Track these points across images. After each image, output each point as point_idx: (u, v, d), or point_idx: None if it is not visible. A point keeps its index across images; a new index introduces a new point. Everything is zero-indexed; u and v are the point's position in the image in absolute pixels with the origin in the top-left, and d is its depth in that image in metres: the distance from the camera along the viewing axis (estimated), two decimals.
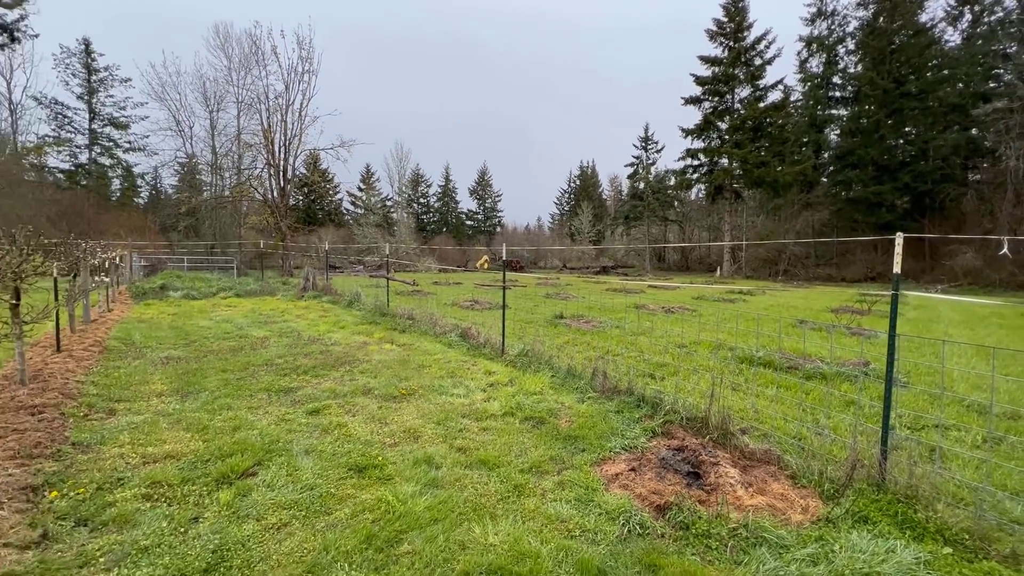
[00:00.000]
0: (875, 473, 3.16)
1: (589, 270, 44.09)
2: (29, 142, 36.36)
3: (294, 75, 30.42)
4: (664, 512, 3.12)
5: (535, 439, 4.32)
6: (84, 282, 8.54)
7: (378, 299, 12.69)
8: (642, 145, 56.19)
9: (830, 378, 6.30)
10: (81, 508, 3.00)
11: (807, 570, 2.48)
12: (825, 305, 16.21)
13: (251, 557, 2.63)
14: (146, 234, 34.01)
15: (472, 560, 2.61)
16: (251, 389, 5.62)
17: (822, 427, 4.42)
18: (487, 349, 7.91)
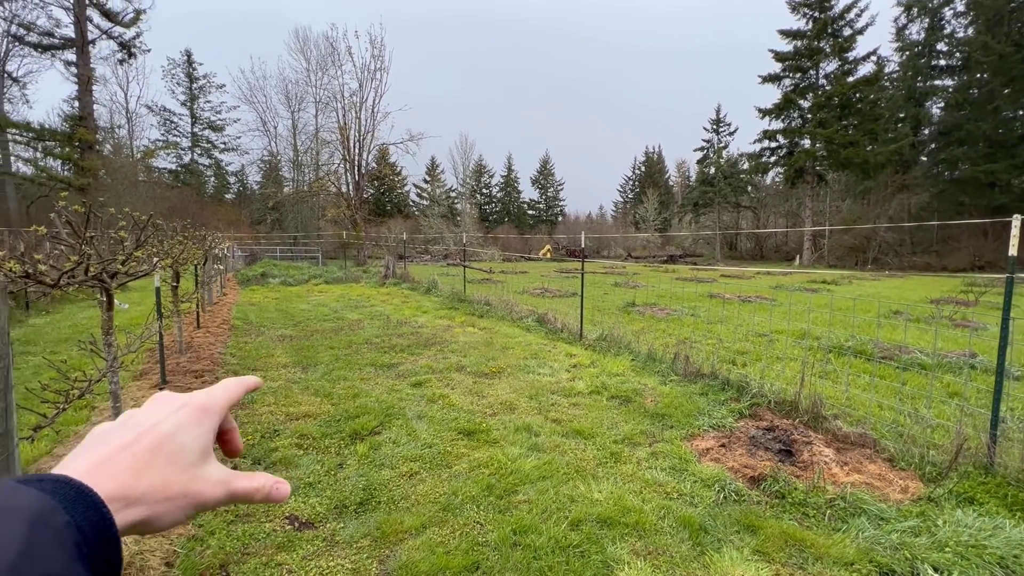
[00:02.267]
0: (982, 457, 3.15)
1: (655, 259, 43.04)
2: (142, 147, 40.96)
3: (367, 73, 31.96)
4: (758, 483, 3.30)
5: (623, 415, 4.59)
6: (210, 269, 9.77)
7: (454, 286, 13.34)
8: (713, 128, 53.67)
9: (930, 368, 6.03)
10: (254, 451, 3.67)
11: (909, 540, 2.59)
12: (923, 295, 15.00)
13: (394, 495, 3.13)
14: (240, 227, 37.32)
15: (582, 510, 2.95)
16: (358, 363, 6.30)
17: (921, 414, 4.33)
18: (564, 334, 8.22)
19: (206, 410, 0.41)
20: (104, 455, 0.36)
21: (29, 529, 0.28)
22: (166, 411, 0.40)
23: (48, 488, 0.31)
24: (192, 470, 0.38)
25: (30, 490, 0.30)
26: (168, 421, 0.39)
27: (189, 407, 0.41)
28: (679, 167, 74.40)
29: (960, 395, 5.06)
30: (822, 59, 39.15)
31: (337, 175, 35.75)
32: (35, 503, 0.30)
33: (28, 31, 30.02)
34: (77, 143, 29.68)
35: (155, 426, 0.38)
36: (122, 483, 0.35)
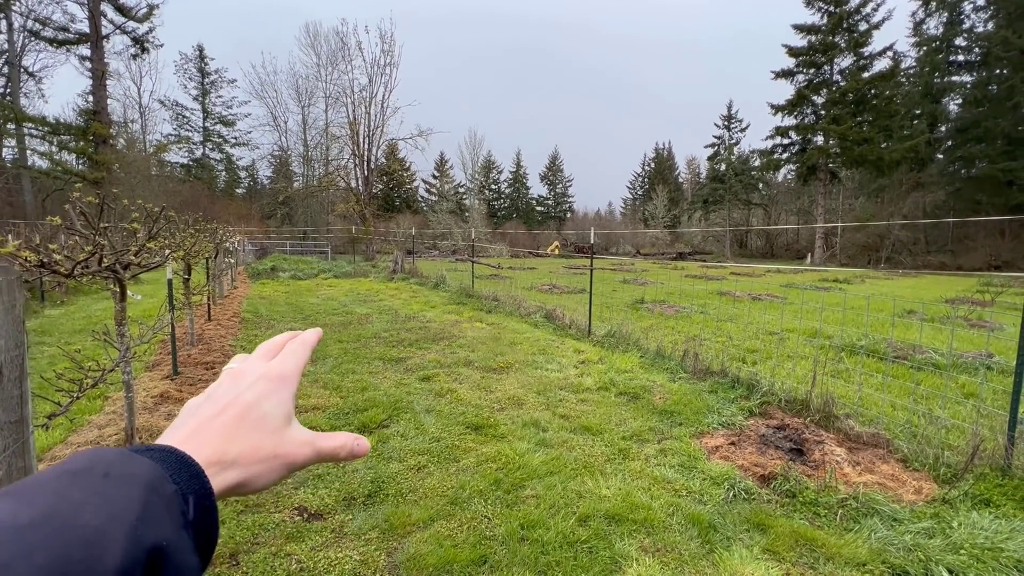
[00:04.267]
0: (999, 459, 3.09)
1: (664, 256, 42.79)
2: (155, 141, 41.38)
3: (376, 68, 32.03)
4: (768, 481, 3.27)
5: (632, 411, 4.56)
6: (221, 262, 9.86)
7: (462, 282, 13.36)
8: (724, 124, 53.17)
9: (945, 369, 5.94)
10: None
11: (922, 541, 2.55)
12: (938, 295, 14.78)
13: (402, 488, 3.14)
14: (251, 221, 37.63)
15: (590, 506, 2.94)
16: (367, 357, 6.32)
17: (936, 414, 4.27)
18: (572, 330, 8.20)
19: (283, 378, 0.43)
20: (196, 426, 0.39)
21: (145, 495, 0.30)
22: (245, 383, 0.42)
23: (156, 457, 0.33)
24: (279, 433, 0.40)
25: (143, 459, 0.32)
26: (250, 391, 0.41)
27: (267, 377, 0.43)
28: (689, 164, 73.79)
29: (976, 396, 4.98)
30: (837, 54, 38.56)
31: (346, 170, 35.91)
32: (149, 471, 0.31)
33: (44, 26, 30.38)
34: (91, 137, 30.03)
35: (238, 396, 0.41)
36: (215, 449, 0.37)
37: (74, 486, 0.28)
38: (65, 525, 0.26)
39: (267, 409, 0.41)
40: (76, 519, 0.27)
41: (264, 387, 0.42)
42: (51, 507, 0.27)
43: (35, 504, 0.27)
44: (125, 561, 0.27)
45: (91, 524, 0.27)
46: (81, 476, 0.29)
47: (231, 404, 0.40)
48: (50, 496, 0.27)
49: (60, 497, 0.27)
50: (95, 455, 0.31)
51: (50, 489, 0.28)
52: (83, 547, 0.26)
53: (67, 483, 0.29)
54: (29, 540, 0.25)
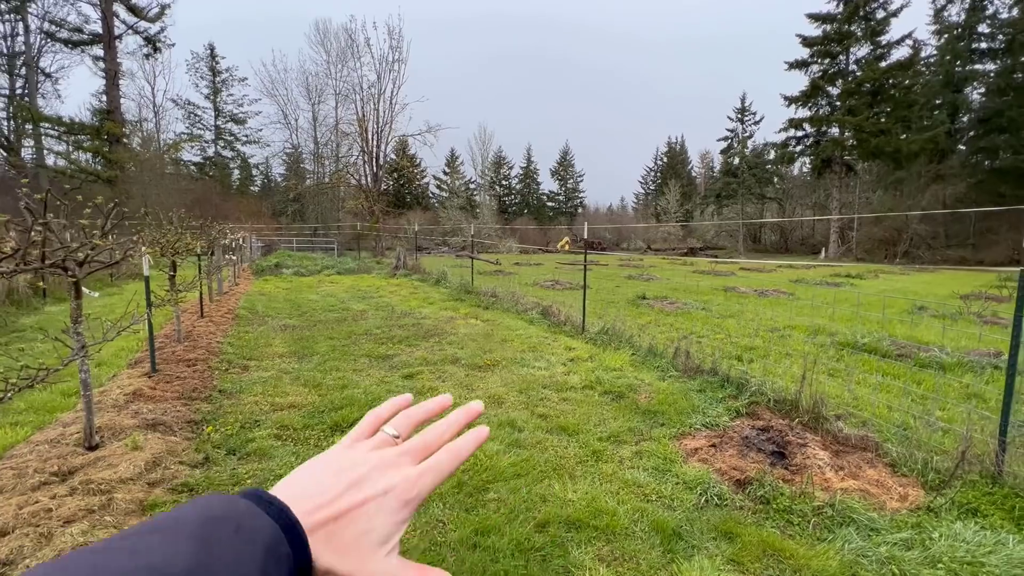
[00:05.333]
0: (990, 465, 2.91)
1: (675, 252, 42.28)
2: (168, 140, 41.98)
3: (385, 64, 32.06)
4: (744, 486, 3.13)
5: (614, 411, 4.43)
6: (218, 259, 9.90)
7: (463, 278, 13.28)
8: (738, 117, 52.28)
9: (949, 368, 5.70)
10: (230, 441, 3.65)
11: (899, 553, 2.40)
12: (952, 290, 14.31)
13: None
14: (261, 218, 38.00)
15: (552, 511, 2.83)
16: (354, 354, 6.27)
17: (932, 416, 4.07)
18: (567, 327, 8.07)
19: (408, 504, 0.40)
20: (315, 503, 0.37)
21: (265, 558, 0.31)
22: (376, 486, 0.39)
23: (275, 515, 0.34)
24: (366, 555, 0.37)
25: (267, 518, 0.33)
26: (372, 500, 0.38)
27: (395, 494, 0.39)
28: (703, 158, 72.77)
29: (979, 397, 4.75)
30: (853, 43, 37.60)
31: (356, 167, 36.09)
32: (270, 532, 0.32)
33: (59, 27, 30.95)
34: (105, 136, 30.56)
35: (359, 492, 0.38)
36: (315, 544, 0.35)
37: (214, 538, 0.30)
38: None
39: (375, 526, 0.38)
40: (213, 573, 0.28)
41: (388, 503, 0.38)
42: (196, 561, 0.28)
43: (184, 554, 0.28)
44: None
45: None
46: (219, 527, 0.31)
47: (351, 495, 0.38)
48: (196, 544, 0.29)
49: (204, 549, 0.29)
50: (230, 505, 0.33)
51: (197, 535, 0.30)
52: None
53: (209, 533, 0.30)
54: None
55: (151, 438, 3.28)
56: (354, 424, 1.73)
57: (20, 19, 29.94)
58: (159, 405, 3.91)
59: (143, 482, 2.79)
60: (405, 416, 0.46)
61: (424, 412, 0.47)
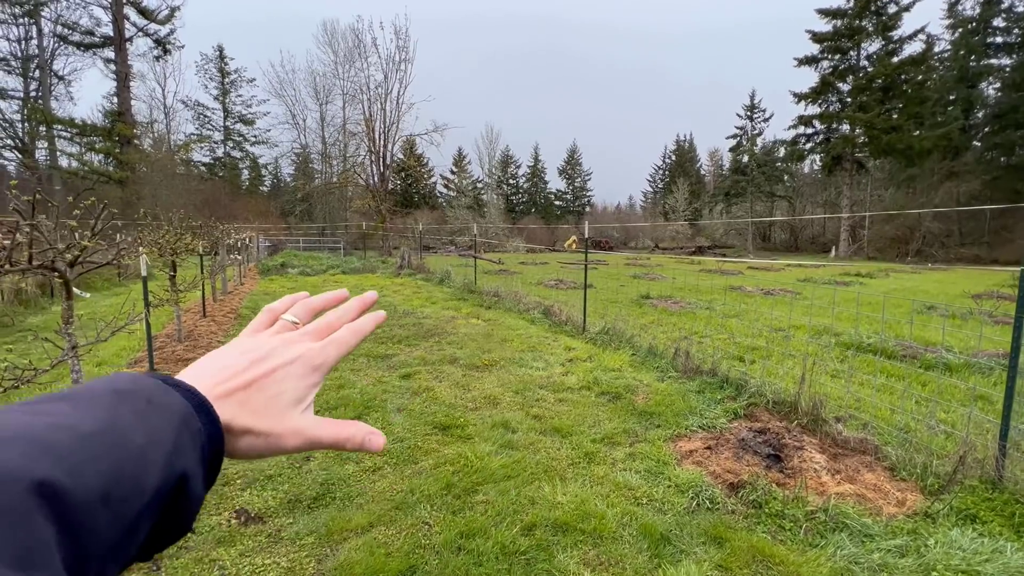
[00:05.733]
0: (990, 470, 2.83)
1: (683, 251, 41.96)
2: (178, 140, 42.42)
3: (392, 64, 32.12)
4: (737, 490, 3.07)
5: (609, 412, 4.39)
6: (222, 259, 9.98)
7: (467, 277, 13.27)
8: (747, 114, 51.76)
9: (956, 369, 5.58)
10: None
11: (892, 560, 2.34)
12: (964, 289, 14.05)
13: (351, 491, 3.05)
14: (269, 218, 38.30)
15: (540, 514, 2.80)
16: (353, 354, 6.27)
17: (933, 419, 3.98)
18: (568, 326, 8.02)
19: (316, 368, 0.42)
20: (218, 373, 0.39)
21: (179, 427, 0.33)
22: (281, 355, 0.41)
23: (184, 394, 0.35)
24: (282, 414, 0.40)
25: (177, 394, 0.35)
26: (280, 365, 0.41)
27: (303, 360, 0.42)
28: (712, 156, 72.19)
29: (985, 399, 4.65)
30: (864, 39, 37.06)
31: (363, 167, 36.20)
32: (182, 406, 0.34)
33: (71, 30, 31.35)
34: (116, 137, 30.94)
35: (267, 362, 0.41)
36: (226, 412, 0.37)
37: (123, 405, 0.31)
38: (118, 440, 0.29)
39: (285, 388, 0.40)
40: (127, 437, 0.29)
41: (295, 370, 0.41)
42: (107, 422, 0.29)
43: (94, 416, 0.29)
44: (161, 482, 0.30)
45: (138, 443, 0.30)
46: (128, 397, 0.32)
47: (257, 367, 0.40)
48: (105, 411, 0.30)
49: (113, 413, 0.30)
50: (137, 380, 0.34)
51: (104, 403, 0.31)
52: (132, 463, 0.29)
53: (117, 401, 0.31)
54: (92, 448, 0.27)
55: None
56: None
57: (33, 23, 30.38)
58: None
59: None
60: (303, 305, 0.48)
61: (322, 301, 0.49)
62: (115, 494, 0.27)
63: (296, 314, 0.47)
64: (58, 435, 0.27)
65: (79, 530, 0.25)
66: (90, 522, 0.26)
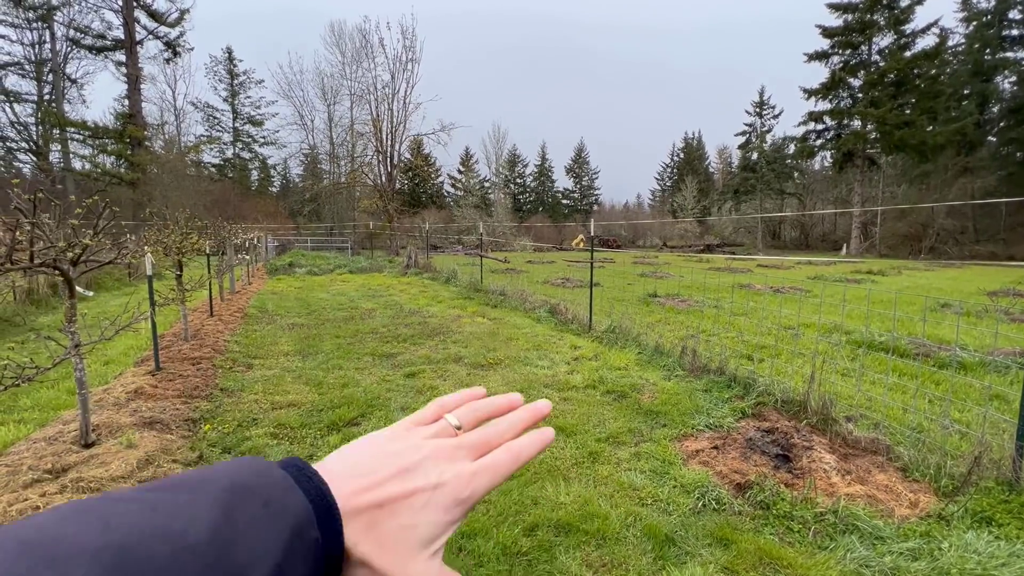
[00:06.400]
0: (1007, 471, 2.75)
1: (692, 249, 41.66)
2: (189, 142, 42.87)
3: (399, 64, 32.18)
4: (744, 491, 3.01)
5: (615, 411, 4.34)
6: (230, 258, 10.04)
7: (473, 276, 13.25)
8: (756, 111, 51.28)
9: (971, 368, 5.46)
10: (226, 439, 3.66)
11: (904, 564, 2.27)
12: (980, 287, 13.79)
13: None
14: (277, 218, 38.60)
15: (542, 514, 2.76)
16: (359, 353, 6.28)
17: (947, 418, 3.88)
18: (574, 325, 7.97)
19: (461, 503, 0.36)
20: (360, 484, 0.33)
21: (290, 539, 0.28)
22: (428, 477, 0.35)
23: (312, 494, 0.31)
24: (407, 555, 0.33)
25: (301, 494, 0.30)
26: (421, 492, 0.34)
27: (447, 489, 0.35)
28: (720, 153, 71.57)
29: (1001, 398, 4.53)
30: (875, 33, 36.51)
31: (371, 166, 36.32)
32: (301, 511, 0.30)
33: (83, 34, 31.78)
34: (127, 140, 31.34)
35: (409, 481, 0.35)
36: (353, 530, 0.32)
37: (238, 509, 0.28)
38: (222, 558, 0.26)
39: (419, 523, 0.34)
40: (232, 553, 0.26)
41: (437, 498, 0.35)
42: (215, 531, 0.26)
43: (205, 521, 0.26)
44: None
45: (241, 563, 0.26)
46: (246, 497, 0.28)
47: (398, 482, 0.34)
48: (217, 512, 0.27)
49: (225, 518, 0.27)
50: (263, 474, 0.30)
51: (222, 502, 0.27)
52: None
53: (234, 503, 0.28)
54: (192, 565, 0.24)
55: (146, 436, 3.30)
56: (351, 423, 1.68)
57: (47, 27, 30.84)
58: (159, 403, 3.94)
59: (134, 480, 2.80)
60: (470, 408, 0.43)
61: (491, 407, 0.44)
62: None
63: (460, 418, 0.42)
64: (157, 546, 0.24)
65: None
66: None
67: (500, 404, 0.44)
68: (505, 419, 0.42)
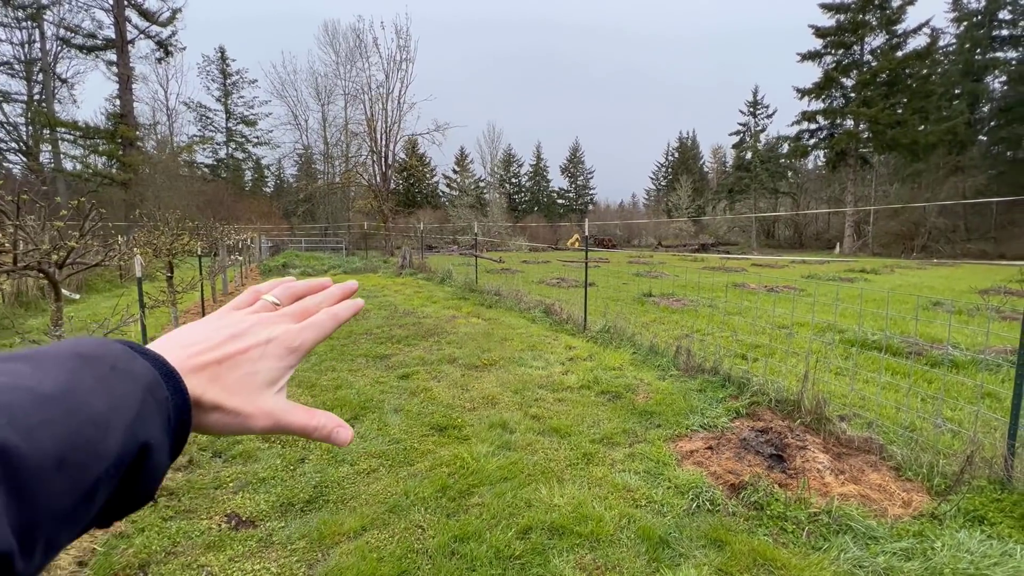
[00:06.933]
0: (999, 470, 2.75)
1: (686, 248, 41.75)
2: (181, 142, 42.55)
3: (393, 64, 32.07)
4: (738, 491, 3.01)
5: (609, 412, 4.33)
6: (223, 259, 9.96)
7: (468, 276, 13.22)
8: (750, 110, 51.48)
9: (963, 366, 5.49)
10: (216, 443, 3.62)
11: (898, 564, 2.27)
12: (971, 285, 13.90)
13: (344, 494, 3.00)
14: (271, 219, 38.38)
15: (536, 517, 2.74)
16: (352, 354, 6.24)
17: (940, 417, 3.89)
18: (569, 325, 7.96)
19: (292, 351, 0.42)
20: (190, 347, 0.38)
21: (143, 395, 0.32)
22: (258, 336, 0.41)
23: (151, 362, 0.34)
24: (253, 394, 0.39)
25: (144, 361, 0.34)
26: (255, 344, 0.40)
27: (279, 342, 0.41)
28: (715, 152, 71.82)
29: (993, 396, 4.56)
30: (867, 33, 36.76)
31: (365, 167, 36.17)
32: (147, 374, 0.33)
33: (74, 33, 31.46)
34: (119, 140, 31.05)
35: (242, 340, 0.40)
36: (196, 383, 0.37)
37: (85, 369, 0.30)
38: (79, 404, 0.28)
39: (260, 368, 0.40)
40: (88, 402, 0.29)
41: (271, 350, 0.41)
42: (68, 384, 0.28)
43: (55, 378, 0.28)
44: (122, 449, 0.29)
45: (99, 409, 0.29)
46: (92, 362, 0.31)
47: (232, 343, 0.40)
48: (66, 373, 0.29)
49: (75, 377, 0.29)
50: (103, 345, 0.33)
51: (66, 367, 0.30)
52: (92, 428, 0.28)
53: (80, 365, 0.30)
54: (51, 410, 0.27)
55: None
56: None
57: (36, 26, 30.50)
58: None
59: None
60: (286, 288, 0.48)
61: (305, 286, 0.49)
62: (71, 459, 0.26)
63: (278, 296, 0.47)
64: (14, 396, 0.26)
65: (30, 495, 0.24)
66: (43, 487, 0.25)
67: (312, 284, 0.50)
68: (319, 293, 0.49)
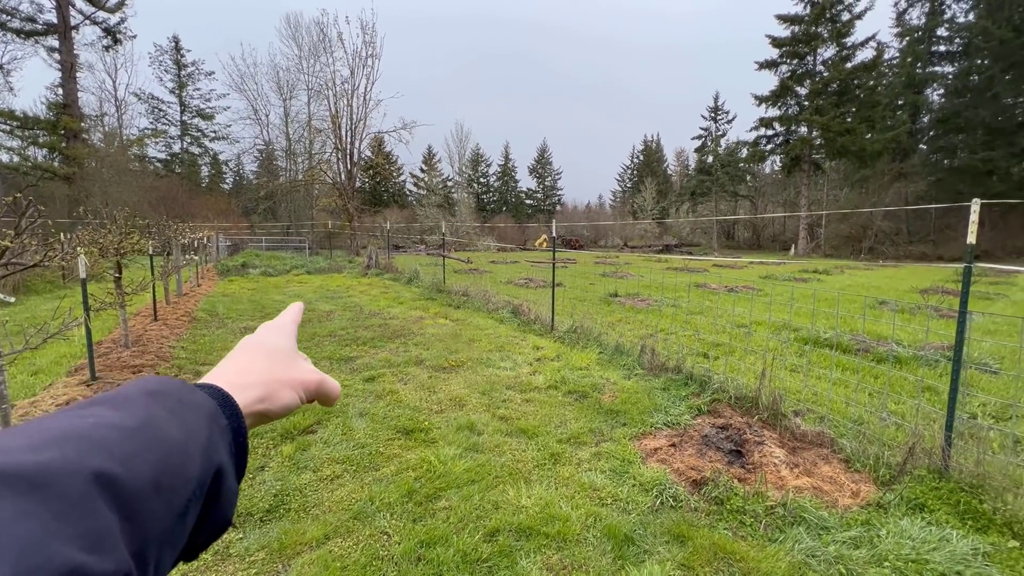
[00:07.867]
0: (938, 460, 2.94)
1: (651, 249, 42.69)
2: (132, 135, 40.38)
3: (358, 60, 31.40)
4: (700, 487, 3.09)
5: (576, 412, 4.37)
6: (176, 259, 9.51)
7: (435, 277, 13.10)
8: (711, 115, 53.07)
9: (905, 362, 5.82)
10: None
11: (847, 552, 2.39)
12: (913, 285, 14.78)
13: (306, 502, 2.92)
14: (230, 217, 36.94)
15: (504, 519, 2.74)
16: (316, 357, 6.07)
17: (886, 411, 4.12)
18: (537, 325, 8.00)
19: (281, 326, 0.52)
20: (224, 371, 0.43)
21: (209, 423, 0.35)
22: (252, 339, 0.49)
23: (209, 393, 0.38)
24: (289, 359, 0.48)
25: (203, 393, 0.37)
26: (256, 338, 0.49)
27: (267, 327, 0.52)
28: (678, 156, 73.76)
29: (932, 390, 4.86)
30: (820, 45, 38.53)
31: (329, 164, 35.29)
32: (208, 404, 0.36)
33: (11, 17, 29.36)
34: (62, 131, 29.20)
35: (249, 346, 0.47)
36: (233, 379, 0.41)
37: (157, 404, 0.33)
38: (161, 434, 0.31)
39: (276, 342, 0.49)
40: (167, 431, 0.31)
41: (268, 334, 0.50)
42: (147, 418, 0.31)
43: (134, 414, 0.31)
44: (202, 472, 0.32)
45: (178, 438, 0.31)
46: (160, 397, 0.34)
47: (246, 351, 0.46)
48: (142, 409, 0.32)
49: (150, 412, 0.32)
50: (164, 382, 0.36)
51: (140, 403, 0.32)
52: (176, 455, 0.30)
53: (151, 401, 0.33)
54: (140, 441, 0.29)
55: None
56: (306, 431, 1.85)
57: None
58: None
59: None
60: None
61: None
62: (165, 483, 0.29)
63: None
64: (105, 432, 0.28)
65: (138, 516, 0.27)
66: (147, 509, 0.27)
67: None
68: None
